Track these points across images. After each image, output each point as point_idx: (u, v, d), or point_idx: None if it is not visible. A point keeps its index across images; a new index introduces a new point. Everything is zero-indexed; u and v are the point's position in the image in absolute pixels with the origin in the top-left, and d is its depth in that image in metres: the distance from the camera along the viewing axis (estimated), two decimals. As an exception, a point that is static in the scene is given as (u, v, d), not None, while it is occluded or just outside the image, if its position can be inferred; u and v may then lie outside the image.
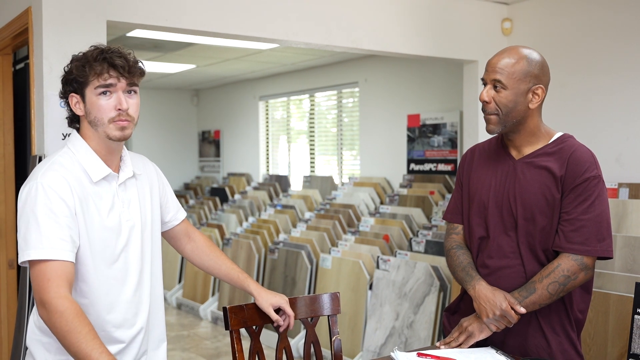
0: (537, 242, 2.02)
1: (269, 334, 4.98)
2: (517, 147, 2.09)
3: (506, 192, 2.07)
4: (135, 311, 1.88)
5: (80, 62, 1.77)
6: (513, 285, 2.04)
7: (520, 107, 2.00)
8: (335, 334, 2.24)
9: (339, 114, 7.19)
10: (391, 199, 5.82)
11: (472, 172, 2.20)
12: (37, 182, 1.72)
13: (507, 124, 2.03)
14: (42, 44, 2.95)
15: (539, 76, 2.01)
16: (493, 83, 2.01)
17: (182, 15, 3.34)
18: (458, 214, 2.25)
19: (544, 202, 2.00)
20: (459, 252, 2.20)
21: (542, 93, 2.02)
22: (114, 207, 1.83)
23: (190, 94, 9.69)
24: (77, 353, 1.60)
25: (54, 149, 2.91)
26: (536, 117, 2.06)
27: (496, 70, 2.00)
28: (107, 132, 1.79)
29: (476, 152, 2.23)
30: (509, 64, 1.99)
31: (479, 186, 2.15)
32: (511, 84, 1.99)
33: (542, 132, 2.08)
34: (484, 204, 2.11)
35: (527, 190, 2.03)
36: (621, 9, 3.95)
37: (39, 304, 1.66)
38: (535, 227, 2.02)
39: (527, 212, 2.02)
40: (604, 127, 4.11)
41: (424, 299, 4.35)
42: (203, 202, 8.13)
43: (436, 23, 4.19)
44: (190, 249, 2.18)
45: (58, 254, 1.66)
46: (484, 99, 2.03)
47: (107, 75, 1.76)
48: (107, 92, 1.77)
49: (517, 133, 2.07)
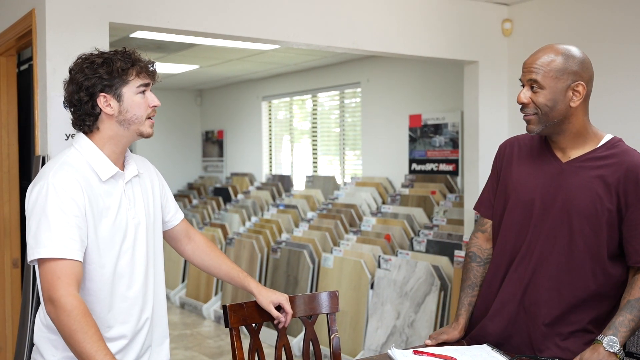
0: (578, 250, 1.92)
1: (269, 331, 5.01)
2: (562, 149, 1.99)
3: (552, 196, 1.96)
4: (141, 307, 1.92)
5: (122, 64, 1.83)
6: (539, 291, 1.96)
7: (560, 106, 1.91)
8: (334, 332, 2.27)
9: (341, 114, 7.21)
10: (393, 199, 5.85)
11: (512, 166, 2.08)
12: (47, 182, 1.75)
13: (548, 123, 1.93)
14: (45, 45, 2.98)
15: (578, 72, 1.91)
16: (530, 84, 1.92)
17: (184, 16, 3.37)
18: (489, 207, 2.15)
19: (592, 212, 1.90)
20: (470, 266, 2.17)
21: (584, 90, 1.92)
22: (122, 205, 1.87)
23: (193, 95, 9.72)
24: (82, 353, 1.63)
25: (57, 150, 2.94)
26: (581, 117, 1.95)
27: (532, 70, 1.91)
28: (141, 129, 1.88)
29: (516, 145, 2.11)
30: (544, 62, 1.90)
31: (520, 184, 2.03)
32: (548, 83, 1.89)
33: (589, 133, 1.97)
34: (526, 205, 2.00)
35: (576, 196, 1.92)
36: (622, 10, 3.96)
37: (47, 301, 1.69)
38: (580, 236, 1.92)
39: (574, 220, 1.92)
40: (604, 127, 4.12)
41: (424, 298, 4.37)
42: (206, 202, 8.16)
43: (437, 24, 4.21)
44: (190, 249, 2.21)
45: (68, 253, 1.70)
46: (522, 100, 1.93)
47: (145, 75, 1.88)
48: (144, 91, 1.88)
49: (562, 134, 1.96)
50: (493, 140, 4.41)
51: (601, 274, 1.93)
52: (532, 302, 1.98)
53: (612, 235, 1.93)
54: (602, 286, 1.94)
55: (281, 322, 2.14)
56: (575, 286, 1.94)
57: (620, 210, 1.91)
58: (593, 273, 1.93)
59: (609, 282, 1.95)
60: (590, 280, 1.93)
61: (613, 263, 1.94)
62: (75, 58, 1.88)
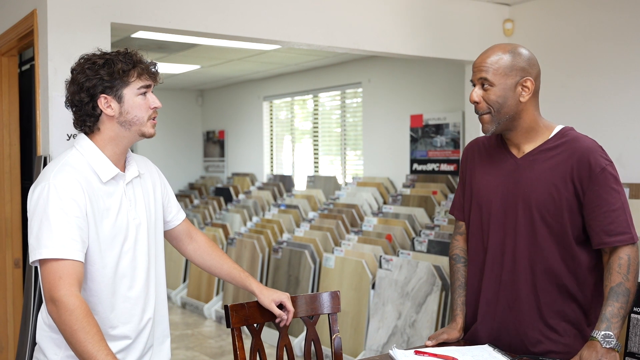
0: (544, 241, 1.97)
1: (270, 332, 5.01)
2: (516, 145, 2.05)
3: (511, 192, 2.02)
4: (143, 307, 1.92)
5: (123, 65, 1.83)
6: (517, 285, 2.01)
7: (510, 102, 1.97)
8: (335, 332, 2.27)
9: (342, 114, 7.22)
10: (394, 199, 5.85)
11: (475, 167, 2.16)
12: (49, 183, 1.75)
13: (500, 120, 1.99)
14: (47, 46, 2.99)
15: (525, 69, 1.97)
16: (480, 82, 1.99)
17: (185, 17, 3.37)
18: (461, 210, 2.23)
19: (551, 202, 1.95)
20: (456, 267, 2.23)
21: (532, 85, 1.98)
22: (122, 206, 1.87)
23: (194, 95, 9.73)
24: (83, 352, 1.64)
25: (59, 150, 2.94)
26: (531, 112, 2.01)
27: (481, 69, 1.98)
28: (143, 130, 1.88)
29: (476, 148, 2.19)
30: (493, 60, 1.96)
31: (481, 186, 2.11)
32: (497, 80, 1.96)
33: (540, 126, 2.03)
34: (487, 205, 2.07)
35: (532, 189, 1.98)
36: (623, 11, 3.96)
37: (49, 301, 1.69)
38: (544, 228, 1.97)
39: (534, 213, 1.97)
40: (604, 127, 4.13)
41: (426, 298, 4.37)
42: (207, 202, 8.16)
43: (438, 24, 4.21)
44: (192, 249, 2.21)
45: (69, 254, 1.71)
46: (474, 99, 2.00)
47: (146, 76, 1.87)
48: (145, 93, 1.87)
49: (514, 130, 2.02)
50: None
51: (571, 260, 1.98)
52: (514, 297, 2.03)
53: (574, 221, 1.97)
54: (575, 272, 1.99)
55: (283, 321, 2.14)
56: (549, 276, 1.98)
57: (577, 195, 1.95)
58: (563, 260, 1.98)
59: (581, 268, 1.99)
60: (561, 268, 1.98)
61: (581, 248, 1.99)
62: (77, 58, 1.89)
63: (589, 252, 2.00)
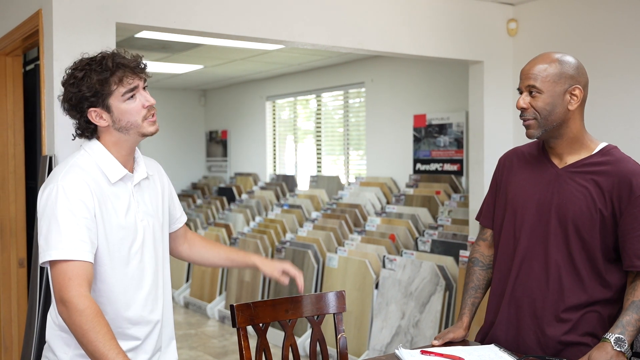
0: (575, 255, 1.97)
1: (275, 332, 5.02)
2: (559, 154, 2.04)
3: (547, 202, 2.01)
4: (151, 308, 1.93)
5: (98, 76, 1.79)
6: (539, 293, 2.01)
7: (558, 109, 1.96)
8: (340, 332, 2.27)
9: (345, 114, 7.22)
10: (397, 199, 5.85)
11: (511, 177, 2.14)
12: (57, 184, 1.76)
13: (547, 127, 1.98)
14: (52, 46, 2.99)
15: (574, 77, 1.97)
16: (528, 89, 1.98)
17: (190, 17, 3.37)
18: (489, 217, 2.22)
19: (587, 216, 1.95)
20: (473, 270, 2.23)
21: (580, 94, 1.97)
22: (130, 207, 1.88)
23: (197, 94, 9.74)
24: (94, 352, 1.64)
25: (64, 150, 2.95)
26: (578, 122, 2.00)
27: (529, 76, 1.97)
28: (141, 131, 1.87)
29: (515, 157, 2.18)
30: (541, 68, 1.96)
31: (518, 192, 2.09)
32: (546, 87, 1.95)
33: (585, 140, 2.02)
34: (521, 211, 2.06)
35: (570, 201, 1.97)
36: (627, 11, 3.96)
37: (59, 302, 1.70)
38: (576, 241, 1.97)
39: (569, 225, 1.97)
40: (606, 128, 4.12)
41: (429, 298, 4.37)
42: (210, 202, 8.17)
43: (442, 24, 4.21)
44: (187, 247, 2.23)
45: (79, 255, 1.71)
46: (521, 105, 1.99)
47: (129, 79, 1.82)
48: (133, 95, 1.84)
49: (559, 139, 2.01)
50: (498, 140, 4.41)
51: (599, 277, 1.98)
52: (539, 307, 2.02)
53: (607, 240, 1.97)
54: (602, 290, 1.98)
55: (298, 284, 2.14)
56: (577, 290, 1.98)
57: (614, 215, 1.95)
58: (591, 277, 1.98)
59: (608, 286, 1.99)
60: (590, 282, 1.98)
61: (610, 267, 1.99)
62: (69, 76, 1.86)
63: (619, 271, 1.99)
